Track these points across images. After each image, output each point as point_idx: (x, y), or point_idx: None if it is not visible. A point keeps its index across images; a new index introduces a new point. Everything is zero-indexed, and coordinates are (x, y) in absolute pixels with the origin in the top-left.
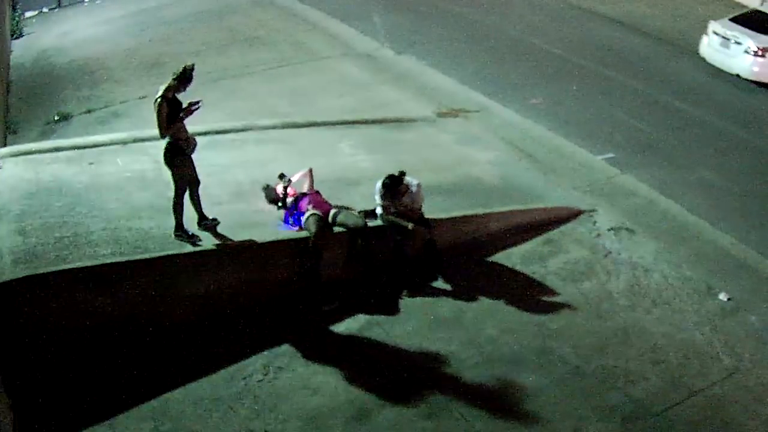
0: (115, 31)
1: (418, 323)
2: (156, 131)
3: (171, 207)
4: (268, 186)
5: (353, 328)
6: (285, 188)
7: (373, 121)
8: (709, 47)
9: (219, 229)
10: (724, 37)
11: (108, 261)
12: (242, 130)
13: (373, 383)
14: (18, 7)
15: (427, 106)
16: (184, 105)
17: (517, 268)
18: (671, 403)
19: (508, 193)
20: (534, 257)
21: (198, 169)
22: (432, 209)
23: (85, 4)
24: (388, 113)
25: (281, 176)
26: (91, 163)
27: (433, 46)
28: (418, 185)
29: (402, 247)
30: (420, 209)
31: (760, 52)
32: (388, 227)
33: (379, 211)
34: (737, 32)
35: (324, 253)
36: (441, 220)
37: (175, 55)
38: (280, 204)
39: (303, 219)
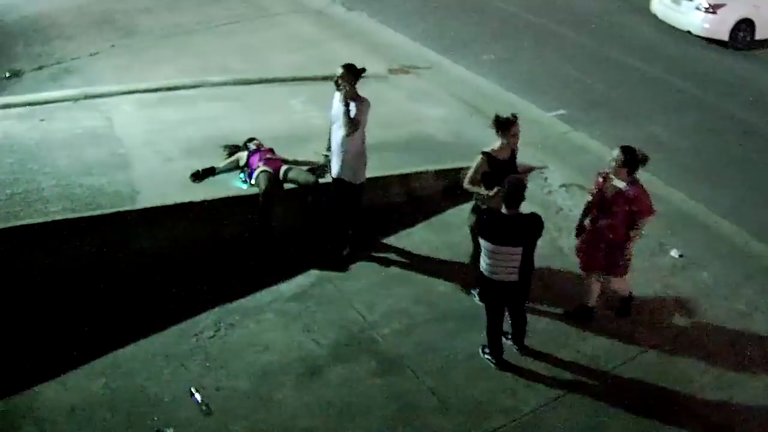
0: None
1: (370, 280)
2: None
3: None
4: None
5: (305, 284)
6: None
7: (324, 78)
8: (661, 4)
9: (170, 185)
10: None
11: (59, 218)
12: (194, 87)
13: (324, 340)
14: None
15: (379, 63)
16: None
17: (469, 224)
18: (623, 359)
19: (459, 150)
20: None
21: (149, 126)
22: (384, 166)
23: None
24: (339, 70)
25: (250, 140)
26: (42, 120)
27: (385, 3)
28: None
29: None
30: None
31: (711, 9)
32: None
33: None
34: None
35: (275, 209)
36: (393, 176)
37: (126, 12)
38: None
39: (254, 176)
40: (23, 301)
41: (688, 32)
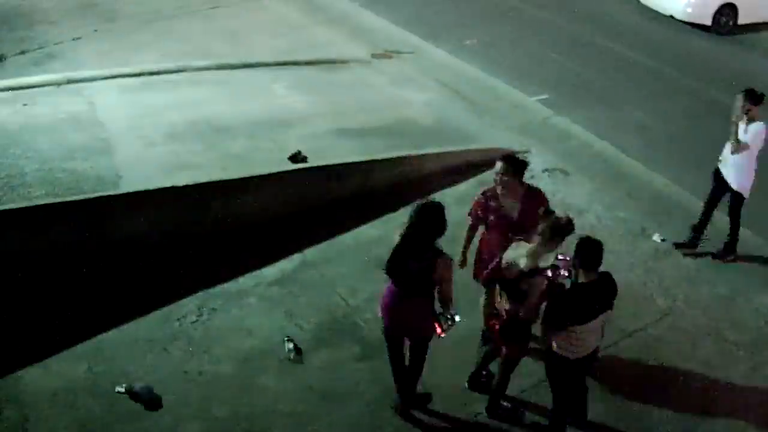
0: None
1: (353, 265)
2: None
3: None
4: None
5: (287, 269)
6: None
7: (308, 63)
8: None
9: (153, 170)
10: None
11: (42, 202)
12: (176, 71)
13: (306, 325)
14: None
15: (362, 48)
16: None
17: (452, 209)
18: (605, 344)
19: (442, 135)
20: (468, 198)
21: (131, 111)
22: (368, 151)
23: None
24: (322, 54)
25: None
26: (25, 105)
27: None
28: None
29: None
30: None
31: None
32: None
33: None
34: None
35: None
36: (376, 161)
37: None
38: None
39: None
40: (6, 285)
41: (671, 17)
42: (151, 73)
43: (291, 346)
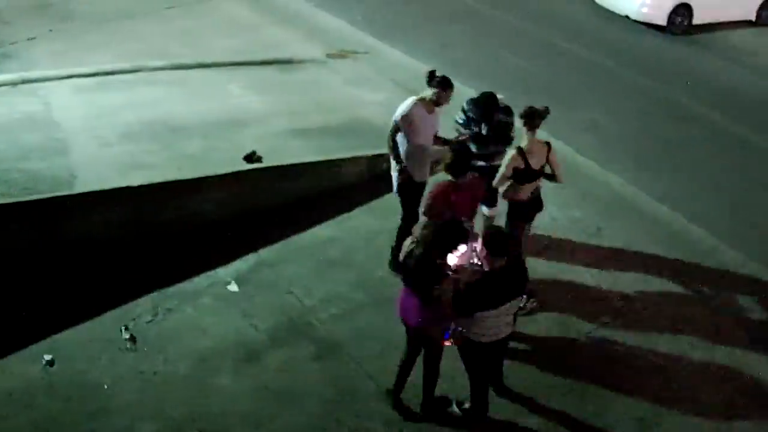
0: None
1: (308, 265)
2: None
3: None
4: None
5: (242, 268)
6: None
7: (263, 62)
8: None
9: (109, 170)
10: None
11: None
12: (132, 72)
13: (262, 325)
14: None
15: (317, 48)
16: None
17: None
18: (560, 344)
19: None
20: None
21: (87, 111)
22: (324, 151)
23: None
24: (277, 54)
25: None
26: None
27: None
28: None
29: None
30: None
31: None
32: None
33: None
34: None
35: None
36: (331, 161)
37: None
38: None
39: None
40: None
41: (626, 17)
42: (107, 73)
43: (127, 335)
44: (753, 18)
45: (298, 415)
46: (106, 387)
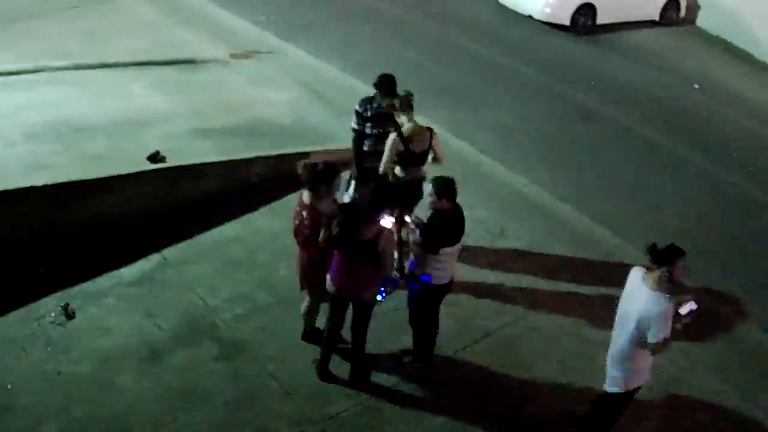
0: None
1: (212, 264)
2: None
3: None
4: None
5: (146, 269)
6: None
7: (166, 63)
8: None
9: (12, 169)
10: None
11: None
12: (34, 72)
13: (165, 325)
14: None
15: (221, 48)
16: None
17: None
18: (465, 344)
19: (302, 134)
20: None
21: None
22: (226, 151)
23: None
24: (181, 54)
25: None
26: None
27: None
28: None
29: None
30: None
31: None
32: None
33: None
34: None
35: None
36: (235, 161)
37: None
38: None
39: None
40: None
41: (530, 17)
42: (9, 73)
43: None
44: (657, 18)
45: (201, 415)
46: (9, 387)
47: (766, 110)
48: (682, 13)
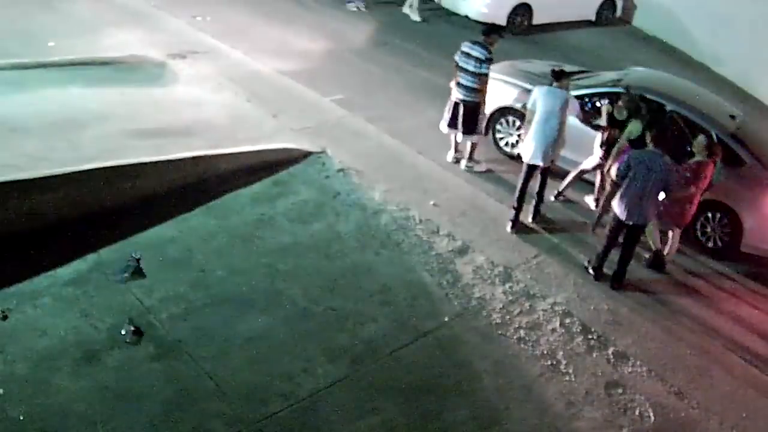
0: None
1: (147, 265)
2: None
3: None
4: None
5: (82, 269)
6: None
7: (103, 63)
8: None
9: None
10: None
11: None
12: None
13: (101, 325)
14: None
15: (157, 48)
16: None
17: (246, 209)
18: (400, 344)
19: (237, 134)
20: (263, 198)
21: None
22: (162, 151)
23: None
24: (117, 54)
25: None
26: None
27: None
28: None
29: None
30: None
31: None
32: None
33: None
34: None
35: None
36: (171, 161)
37: None
38: None
39: None
40: None
41: (467, 17)
42: None
43: (131, 328)
44: (593, 18)
45: (137, 415)
46: None
47: None
48: (618, 13)
